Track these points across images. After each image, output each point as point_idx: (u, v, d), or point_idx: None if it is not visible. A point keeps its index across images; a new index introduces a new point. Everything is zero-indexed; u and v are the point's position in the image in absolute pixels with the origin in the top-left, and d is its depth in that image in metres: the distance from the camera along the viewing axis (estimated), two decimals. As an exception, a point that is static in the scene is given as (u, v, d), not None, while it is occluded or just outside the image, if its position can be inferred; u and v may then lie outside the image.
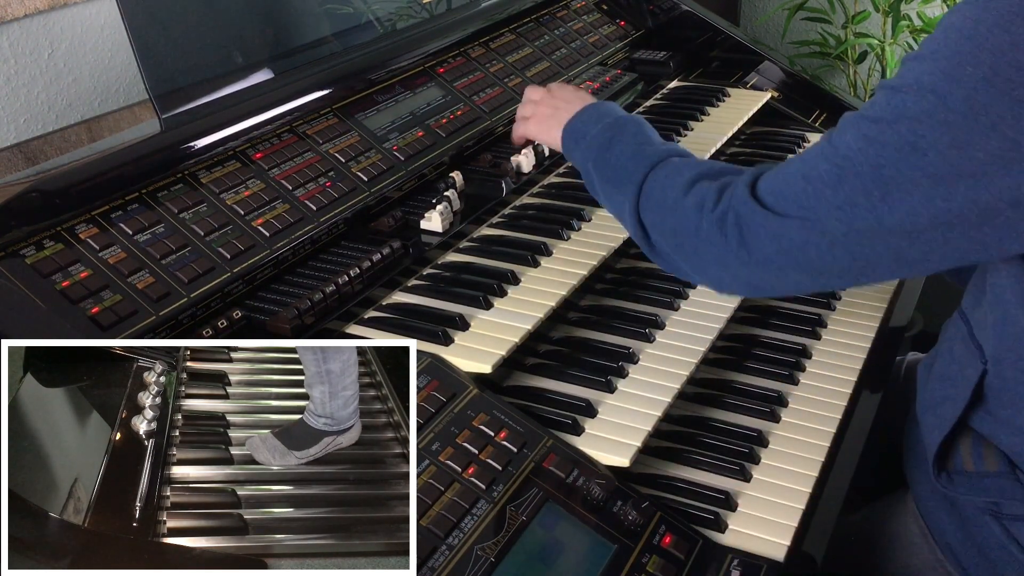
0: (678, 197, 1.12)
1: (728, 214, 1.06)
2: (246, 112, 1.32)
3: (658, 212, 1.15)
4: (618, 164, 1.23)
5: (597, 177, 1.27)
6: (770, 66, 2.09)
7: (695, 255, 1.11)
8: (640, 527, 1.02)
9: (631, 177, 1.20)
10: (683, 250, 1.13)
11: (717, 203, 1.08)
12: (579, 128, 1.33)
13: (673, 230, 1.13)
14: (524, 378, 1.23)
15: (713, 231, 1.07)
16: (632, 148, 1.24)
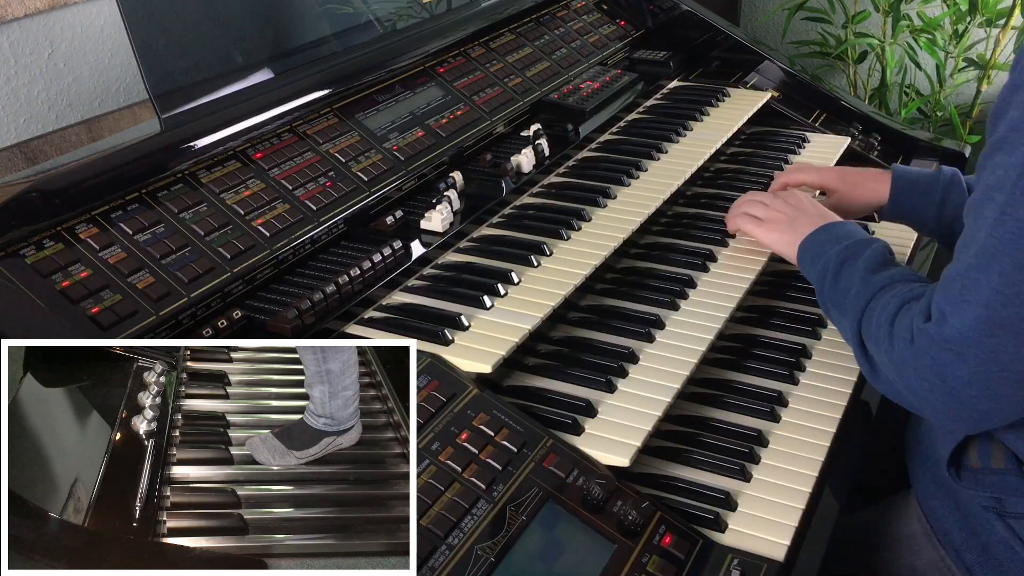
0: (887, 328, 1.11)
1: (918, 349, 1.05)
2: (246, 112, 1.32)
3: (875, 345, 1.14)
4: (844, 289, 1.22)
5: (828, 299, 1.26)
6: (770, 66, 2.09)
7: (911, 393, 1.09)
8: (640, 527, 1.02)
9: (854, 305, 1.19)
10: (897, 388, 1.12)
11: (912, 337, 1.06)
12: (818, 246, 1.31)
13: (888, 364, 1.11)
14: (524, 378, 1.23)
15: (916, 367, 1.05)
16: (860, 274, 1.21)
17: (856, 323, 1.17)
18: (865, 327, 1.16)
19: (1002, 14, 2.56)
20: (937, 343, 1.02)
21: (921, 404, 1.09)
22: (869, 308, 1.16)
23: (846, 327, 1.21)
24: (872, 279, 1.20)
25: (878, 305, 1.15)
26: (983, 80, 2.66)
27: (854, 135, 1.96)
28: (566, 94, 1.77)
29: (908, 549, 1.27)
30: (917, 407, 1.11)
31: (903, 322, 1.08)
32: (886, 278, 1.19)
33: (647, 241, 1.56)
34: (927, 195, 1.47)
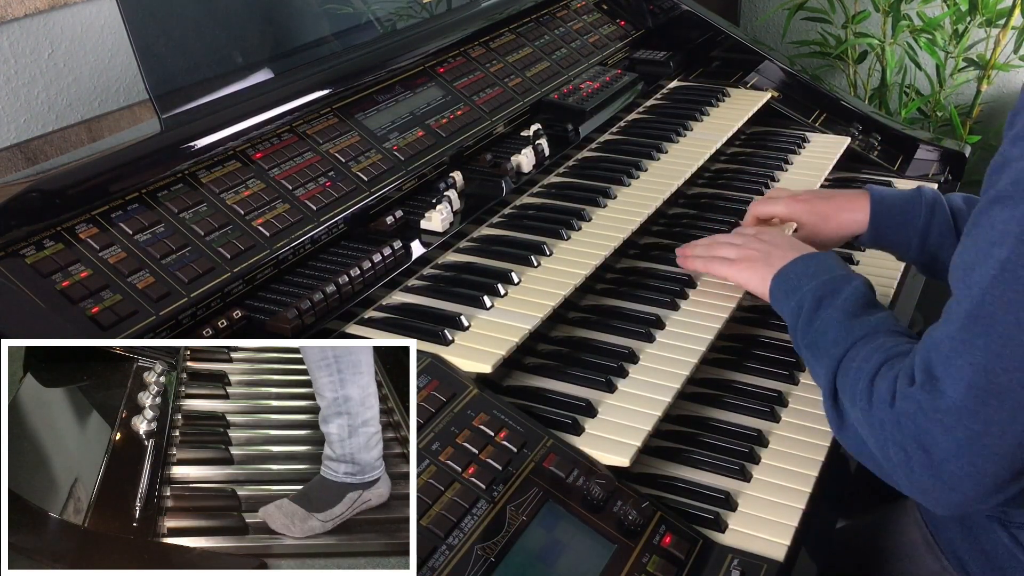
0: (866, 386, 1.02)
1: (900, 415, 0.96)
2: (246, 112, 1.32)
3: (849, 399, 1.06)
4: (820, 331, 1.14)
5: (801, 340, 1.18)
6: (770, 66, 2.09)
7: (884, 459, 1.00)
8: (640, 527, 1.02)
9: (829, 352, 1.10)
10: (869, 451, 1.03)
11: (892, 401, 0.98)
12: (792, 281, 1.22)
13: (862, 423, 1.03)
14: (524, 378, 1.23)
15: (894, 433, 0.96)
16: (838, 317, 1.13)
17: (831, 372, 1.09)
18: (841, 379, 1.07)
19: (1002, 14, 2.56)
20: (924, 410, 0.93)
21: (894, 473, 0.99)
22: (847, 358, 1.08)
23: (819, 374, 1.12)
24: (852, 325, 1.11)
25: (857, 357, 1.06)
26: (983, 80, 2.66)
27: (854, 135, 1.96)
28: (566, 94, 1.77)
29: (908, 558, 1.27)
30: (888, 475, 1.01)
31: (885, 382, 0.99)
32: (867, 326, 1.10)
33: (647, 241, 1.56)
34: (908, 222, 1.39)
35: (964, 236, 0.99)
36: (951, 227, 1.37)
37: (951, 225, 1.37)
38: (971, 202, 1.40)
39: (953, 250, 1.35)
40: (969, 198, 1.41)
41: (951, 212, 1.38)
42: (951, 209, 1.39)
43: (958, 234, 1.37)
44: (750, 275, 1.30)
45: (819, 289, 1.17)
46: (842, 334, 1.11)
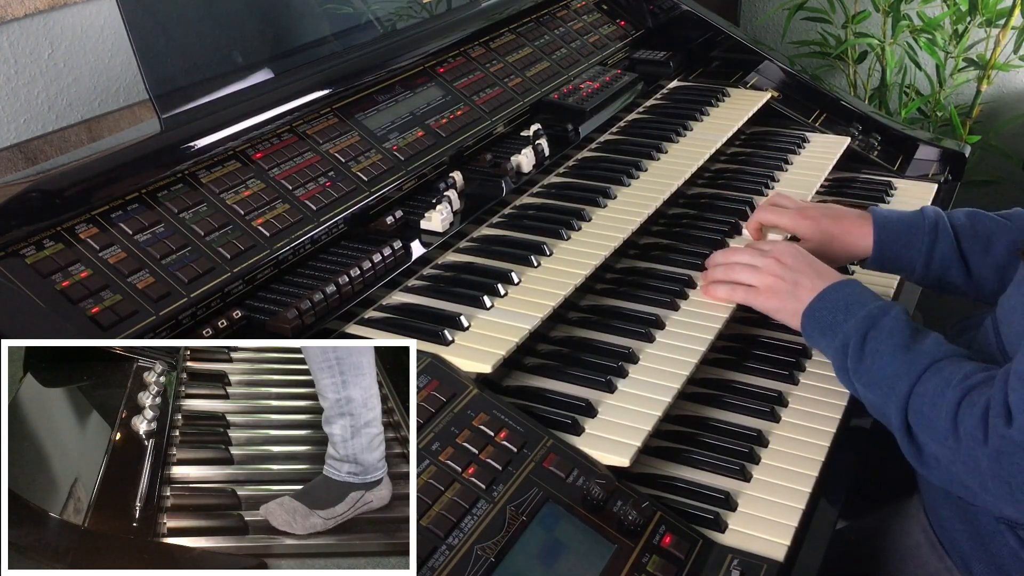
0: (948, 423, 1.04)
1: (1001, 454, 0.99)
2: (246, 112, 1.32)
3: (930, 436, 1.08)
4: (876, 369, 1.14)
5: (854, 378, 1.18)
6: (770, 66, 2.09)
7: (985, 490, 1.04)
8: (640, 527, 1.02)
9: (894, 388, 1.11)
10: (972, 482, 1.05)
11: (986, 437, 1.00)
12: (827, 318, 1.22)
13: (953, 460, 1.06)
14: (524, 378, 1.23)
15: (996, 470, 1.00)
16: (890, 351, 1.14)
17: (901, 411, 1.10)
18: (914, 416, 1.09)
19: (1002, 14, 2.56)
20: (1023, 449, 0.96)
21: (996, 503, 1.04)
22: (916, 394, 1.09)
23: (885, 411, 1.13)
24: (909, 359, 1.12)
25: (926, 392, 1.08)
26: (983, 80, 2.66)
27: (854, 135, 1.96)
28: (566, 94, 1.77)
29: (912, 559, 1.26)
30: (990, 505, 1.06)
31: (972, 420, 1.02)
32: (925, 357, 1.11)
33: (647, 241, 1.56)
34: (912, 245, 1.39)
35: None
36: (954, 247, 1.37)
37: (954, 245, 1.37)
38: (973, 217, 1.39)
39: (959, 271, 1.37)
40: (972, 213, 1.40)
41: (954, 231, 1.38)
42: (953, 227, 1.38)
43: (962, 253, 1.37)
44: (778, 305, 1.30)
45: (861, 325, 1.17)
46: (902, 369, 1.11)
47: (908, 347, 1.13)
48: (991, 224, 1.38)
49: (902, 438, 1.11)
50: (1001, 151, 2.70)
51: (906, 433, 1.11)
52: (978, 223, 1.38)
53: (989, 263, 1.35)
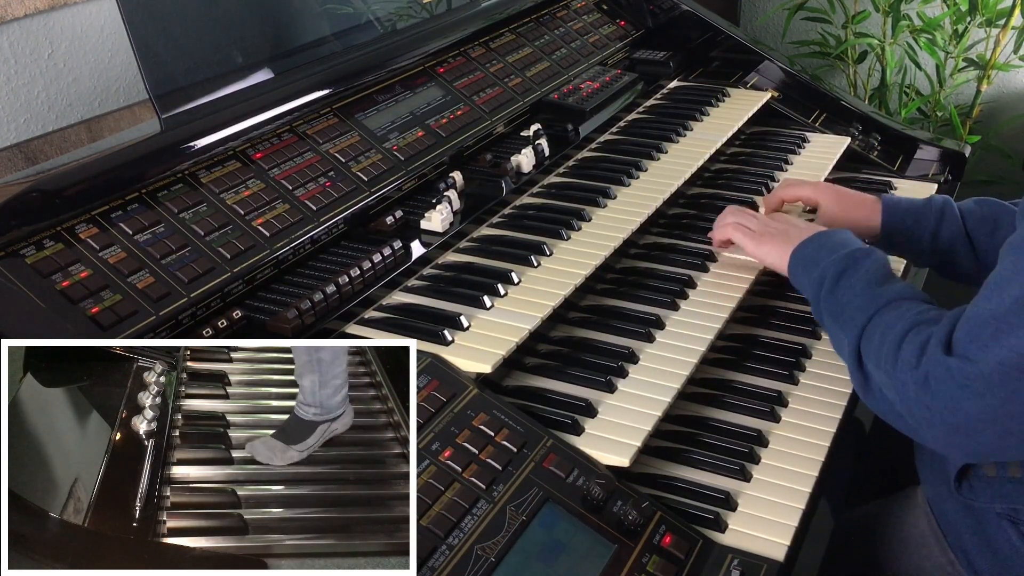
0: (892, 349, 1.07)
1: (929, 377, 1.02)
2: (246, 112, 1.32)
3: (874, 363, 1.11)
4: (844, 301, 1.18)
5: (824, 309, 1.22)
6: (770, 66, 2.09)
7: (908, 416, 1.07)
8: (640, 527, 1.02)
9: (854, 319, 1.15)
10: (895, 409, 1.09)
11: (919, 362, 1.04)
12: (810, 254, 1.27)
13: (887, 385, 1.08)
14: (524, 378, 1.23)
15: (920, 394, 1.03)
16: (860, 286, 1.18)
17: (856, 338, 1.13)
18: (865, 344, 1.12)
19: (1002, 14, 2.56)
20: (955, 378, 0.99)
21: (920, 430, 1.06)
22: (871, 324, 1.12)
23: (843, 341, 1.17)
24: (875, 292, 1.16)
25: (882, 322, 1.11)
26: (983, 80, 2.66)
27: (854, 135, 1.96)
28: (566, 94, 1.77)
29: (915, 550, 1.26)
30: (915, 431, 1.08)
31: (912, 346, 1.05)
32: (890, 293, 1.15)
33: (647, 241, 1.56)
34: (920, 226, 1.42)
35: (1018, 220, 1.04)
36: (961, 228, 1.40)
37: (961, 226, 1.40)
38: (983, 203, 1.41)
39: (965, 252, 1.40)
40: (983, 200, 1.42)
41: (961, 213, 1.41)
42: (961, 211, 1.41)
43: (968, 233, 1.40)
44: (769, 249, 1.35)
45: (841, 261, 1.21)
46: (866, 302, 1.15)
47: (879, 283, 1.17)
48: (998, 208, 1.41)
49: (852, 368, 1.14)
50: (1001, 151, 2.70)
51: (857, 362, 1.13)
52: (985, 207, 1.41)
53: (996, 244, 1.35)
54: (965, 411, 0.99)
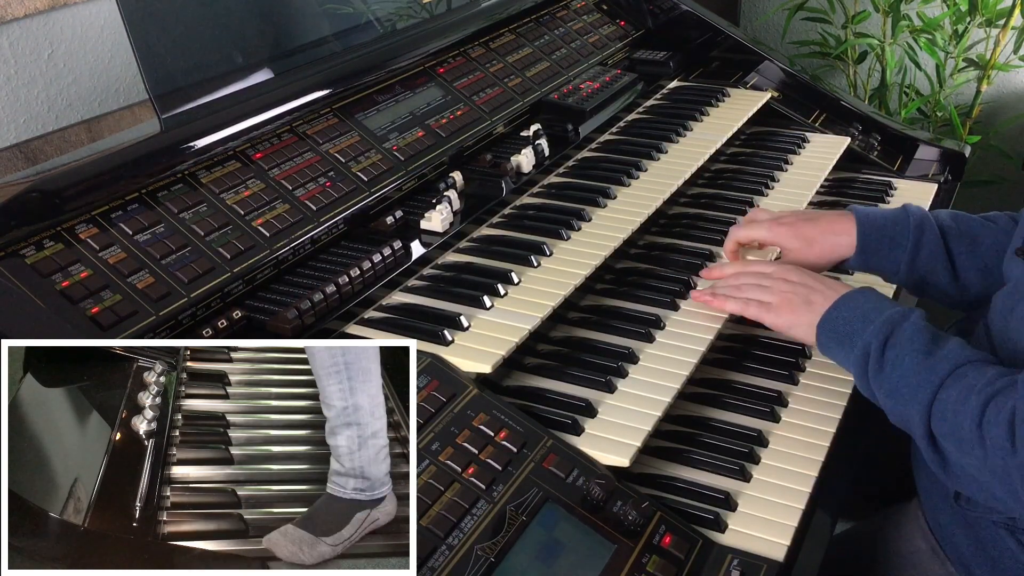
0: (973, 430, 1.01)
1: None
2: (246, 112, 1.32)
3: (955, 446, 1.05)
4: (898, 377, 1.11)
5: (875, 385, 1.14)
6: (770, 66, 2.09)
7: (1011, 495, 1.01)
8: (640, 527, 1.02)
9: (916, 396, 1.08)
10: (994, 494, 1.05)
11: (1013, 443, 0.98)
12: (845, 326, 1.18)
13: (979, 469, 1.03)
14: (524, 378, 1.23)
15: (1017, 475, 0.98)
16: (912, 358, 1.10)
17: (924, 419, 1.07)
18: (938, 424, 1.06)
19: (1002, 14, 2.56)
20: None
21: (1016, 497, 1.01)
22: (939, 401, 1.06)
23: (909, 420, 1.10)
24: (930, 365, 1.08)
25: (949, 399, 1.05)
26: (983, 80, 2.66)
27: (854, 135, 1.96)
28: (566, 94, 1.77)
29: (913, 565, 1.26)
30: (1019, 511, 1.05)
31: (997, 428, 0.99)
32: (947, 363, 1.08)
33: (647, 241, 1.56)
34: (897, 244, 1.34)
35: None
36: (941, 246, 1.33)
37: (941, 243, 1.33)
38: (959, 219, 1.36)
39: (944, 270, 1.32)
40: (956, 215, 1.37)
41: (940, 229, 1.34)
42: (939, 226, 1.34)
43: (948, 252, 1.33)
44: (792, 320, 1.25)
45: (880, 332, 1.13)
46: (924, 376, 1.08)
47: (930, 352, 1.10)
48: (975, 225, 1.34)
49: (926, 447, 1.09)
50: (1001, 151, 2.70)
51: (930, 442, 1.08)
52: (962, 223, 1.35)
53: (975, 264, 1.32)
54: None
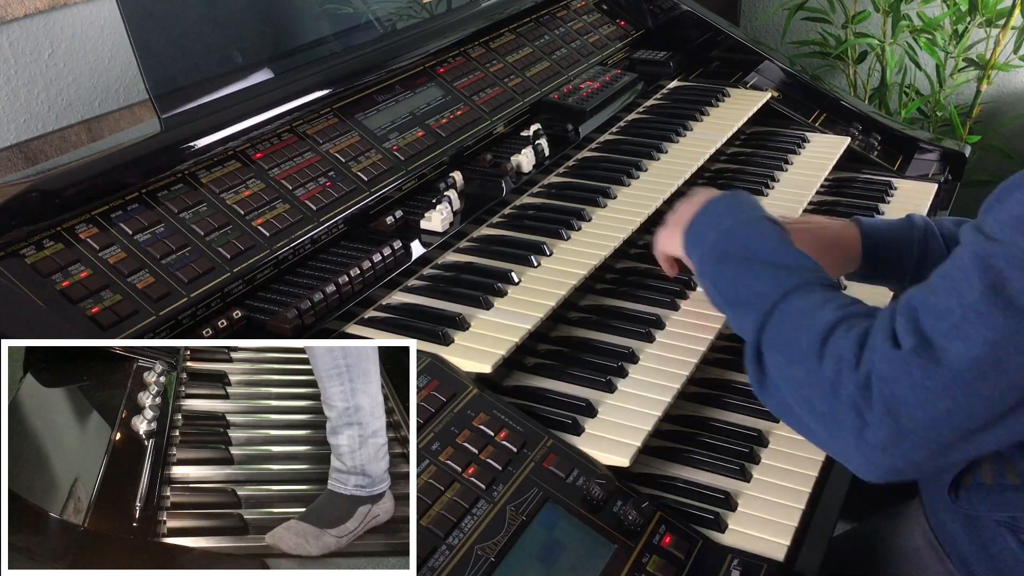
0: (813, 340, 0.96)
1: (873, 377, 0.91)
2: (246, 112, 1.32)
3: (785, 355, 1.00)
4: (738, 284, 1.08)
5: (714, 292, 1.13)
6: (770, 66, 2.09)
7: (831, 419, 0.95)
8: (640, 527, 1.02)
9: (755, 304, 1.04)
10: (814, 410, 0.97)
11: (858, 362, 0.92)
12: (697, 233, 1.17)
13: (803, 382, 0.97)
14: (524, 378, 1.23)
15: (854, 396, 0.92)
16: (756, 268, 1.07)
17: (757, 328, 1.03)
18: (771, 334, 1.02)
19: (1002, 14, 2.56)
20: (912, 376, 0.88)
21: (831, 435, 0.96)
22: (778, 311, 1.02)
23: (745, 327, 1.06)
24: (775, 274, 1.06)
25: (793, 309, 1.01)
26: (983, 80, 2.66)
27: (854, 135, 1.96)
28: (566, 94, 1.77)
29: (913, 563, 1.26)
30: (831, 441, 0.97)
31: (847, 341, 0.94)
32: (795, 277, 1.05)
33: (647, 241, 1.56)
34: (903, 255, 1.32)
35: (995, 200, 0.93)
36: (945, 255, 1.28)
37: (945, 253, 1.31)
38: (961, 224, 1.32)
39: None
40: (959, 220, 1.36)
41: (944, 240, 1.33)
42: (943, 236, 1.33)
43: None
44: (670, 239, 1.27)
45: (723, 241, 1.12)
46: (767, 287, 1.05)
47: (776, 265, 1.07)
48: None
49: (750, 360, 1.05)
50: (1001, 151, 2.70)
51: (756, 354, 1.04)
52: None
53: None
54: (911, 415, 0.89)
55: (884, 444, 0.91)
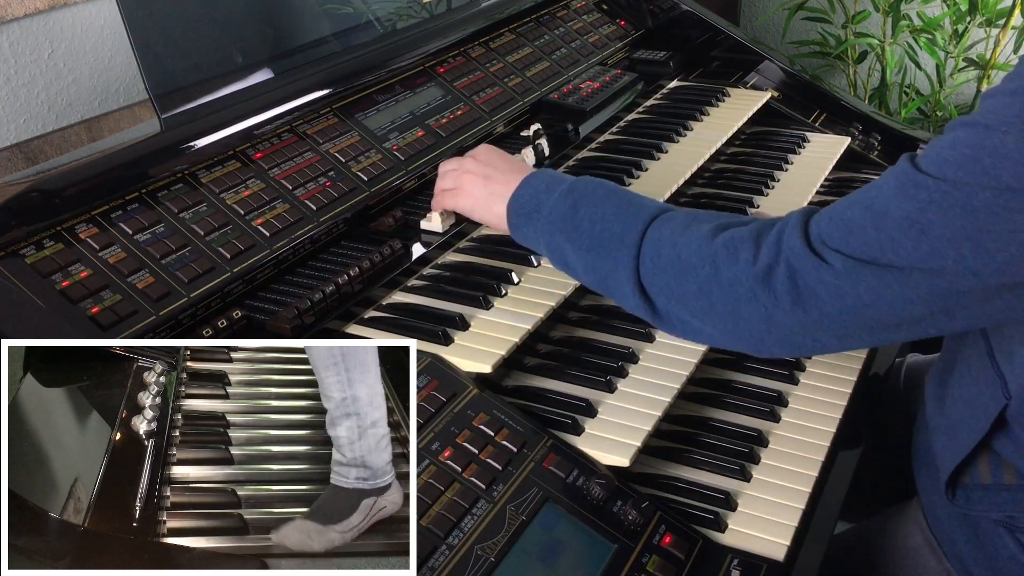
0: (700, 252, 0.99)
1: (777, 268, 0.95)
2: (246, 112, 1.32)
3: (670, 273, 1.02)
4: (598, 229, 1.08)
5: (571, 249, 1.12)
6: (770, 66, 2.09)
7: (731, 316, 0.99)
8: (640, 527, 1.02)
9: (622, 239, 1.06)
10: (711, 312, 1.00)
11: (756, 255, 0.96)
12: (529, 201, 1.17)
13: (697, 291, 1.00)
14: (524, 378, 1.23)
15: (757, 289, 0.95)
16: (613, 208, 1.08)
17: (632, 260, 1.04)
18: (647, 262, 1.03)
19: (1002, 14, 2.56)
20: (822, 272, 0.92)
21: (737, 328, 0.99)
22: (649, 239, 1.04)
23: (608, 269, 1.07)
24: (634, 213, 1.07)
25: (663, 235, 1.03)
26: (983, 80, 2.66)
27: (854, 135, 1.96)
28: (566, 94, 1.77)
29: (911, 562, 1.26)
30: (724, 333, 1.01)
31: (743, 242, 0.97)
32: (652, 207, 1.07)
33: (647, 241, 1.56)
34: None
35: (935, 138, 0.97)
36: None
37: None
38: None
39: None
40: None
41: None
42: None
43: None
44: (473, 203, 1.27)
45: (568, 196, 1.13)
46: (629, 223, 1.06)
47: (630, 200, 1.09)
48: None
49: (634, 294, 1.06)
50: (1001, 151, 2.70)
51: (638, 287, 1.06)
52: None
53: None
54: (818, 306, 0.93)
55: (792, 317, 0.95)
